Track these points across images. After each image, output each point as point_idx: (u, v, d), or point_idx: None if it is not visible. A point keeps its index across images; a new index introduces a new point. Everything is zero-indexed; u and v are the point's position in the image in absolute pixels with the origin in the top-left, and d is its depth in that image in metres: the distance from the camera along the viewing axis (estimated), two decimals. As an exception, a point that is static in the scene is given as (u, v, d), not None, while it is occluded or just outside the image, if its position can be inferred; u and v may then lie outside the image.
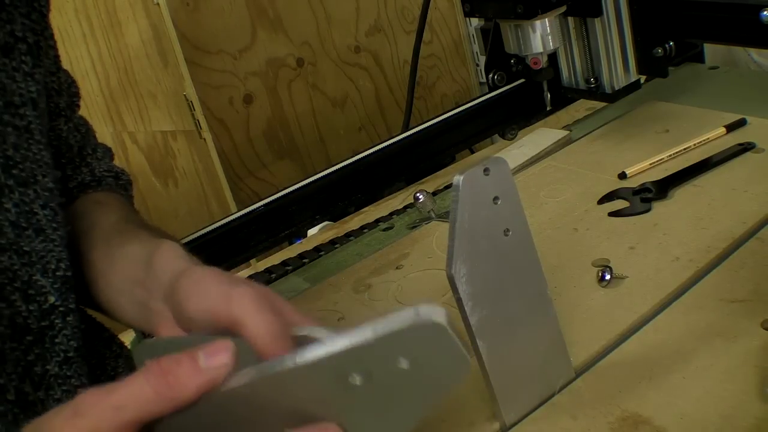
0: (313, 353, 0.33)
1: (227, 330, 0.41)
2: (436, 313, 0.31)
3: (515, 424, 0.51)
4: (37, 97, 0.50)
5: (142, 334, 0.75)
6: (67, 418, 0.33)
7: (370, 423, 0.36)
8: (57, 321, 0.48)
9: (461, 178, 0.45)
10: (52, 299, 0.48)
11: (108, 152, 0.66)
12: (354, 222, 0.91)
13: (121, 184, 0.63)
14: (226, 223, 0.80)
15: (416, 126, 0.91)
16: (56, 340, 0.48)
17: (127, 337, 0.82)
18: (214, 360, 0.34)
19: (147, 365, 0.34)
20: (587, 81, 0.91)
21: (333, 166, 0.86)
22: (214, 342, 0.34)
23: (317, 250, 0.86)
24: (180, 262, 0.47)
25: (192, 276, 0.44)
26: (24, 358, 0.46)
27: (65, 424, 0.33)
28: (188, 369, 0.33)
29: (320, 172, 0.86)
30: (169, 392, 0.33)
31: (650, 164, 0.80)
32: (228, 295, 0.41)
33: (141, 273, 0.49)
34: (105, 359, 0.57)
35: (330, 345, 0.33)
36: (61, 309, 0.48)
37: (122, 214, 0.58)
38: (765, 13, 0.69)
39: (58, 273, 0.48)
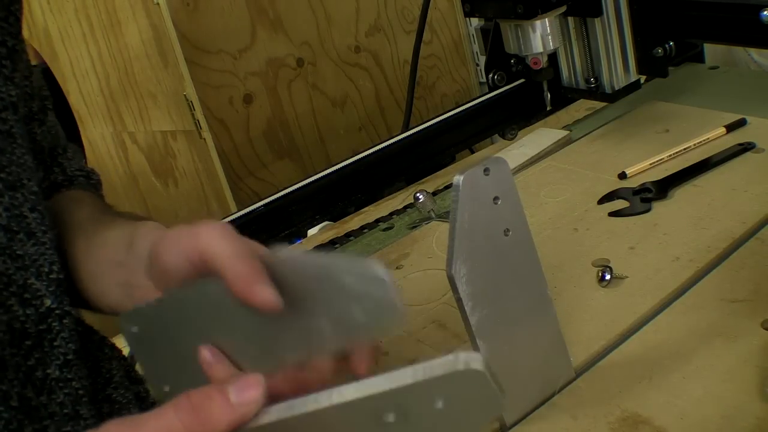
0: (349, 394, 0.33)
1: (200, 271, 0.42)
2: (475, 359, 0.33)
3: (515, 424, 0.51)
4: (17, 101, 0.50)
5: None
6: None
7: None
8: (54, 324, 0.48)
9: (461, 178, 0.45)
10: (48, 302, 0.47)
11: (78, 152, 0.66)
12: (354, 222, 0.91)
13: (92, 183, 0.64)
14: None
15: (416, 126, 0.91)
16: (55, 344, 0.48)
17: (122, 341, 0.82)
18: (245, 396, 0.33)
19: (177, 400, 0.33)
20: (587, 81, 0.91)
21: (333, 166, 0.86)
22: (246, 377, 0.34)
23: (317, 250, 0.86)
24: (159, 233, 0.48)
25: (166, 235, 0.45)
26: (24, 363, 0.46)
27: None
28: (219, 405, 0.33)
29: (320, 172, 0.86)
30: (200, 428, 0.32)
31: (650, 164, 0.80)
32: (195, 233, 0.42)
33: (122, 254, 0.49)
34: (99, 362, 0.57)
35: (367, 387, 0.33)
36: (57, 312, 0.48)
37: (97, 207, 0.58)
38: (765, 13, 0.69)
39: (51, 276, 0.48)
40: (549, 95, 0.92)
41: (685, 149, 0.81)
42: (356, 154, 0.88)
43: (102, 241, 0.52)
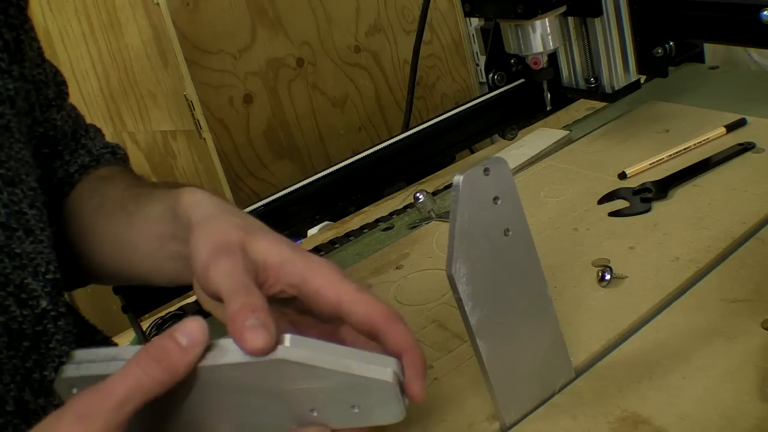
0: (290, 354, 0.38)
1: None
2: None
3: (515, 424, 0.51)
4: (14, 95, 0.49)
5: (142, 333, 0.75)
6: (71, 423, 0.33)
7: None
8: (49, 326, 0.47)
9: (461, 178, 0.45)
10: (43, 303, 0.47)
11: (98, 131, 0.65)
12: (354, 222, 0.91)
13: (119, 157, 0.63)
14: (226, 223, 0.80)
15: (416, 126, 0.91)
16: (50, 345, 0.47)
17: (123, 339, 0.82)
18: (193, 338, 0.37)
19: (137, 356, 0.36)
20: (587, 81, 0.91)
21: (333, 166, 0.86)
22: (187, 322, 0.37)
23: (317, 250, 0.86)
24: (200, 208, 0.46)
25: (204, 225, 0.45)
26: (22, 365, 0.45)
27: (72, 426, 0.33)
28: (175, 350, 0.36)
29: (320, 172, 0.85)
30: (165, 376, 0.35)
31: (650, 164, 0.80)
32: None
33: (170, 227, 0.48)
34: None
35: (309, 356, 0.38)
36: (52, 313, 0.47)
37: (130, 182, 0.57)
38: (765, 13, 0.69)
39: (47, 276, 0.48)
40: (549, 95, 0.92)
41: (685, 149, 0.81)
42: (356, 154, 0.88)
43: (145, 216, 0.51)
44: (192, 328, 0.37)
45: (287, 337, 0.38)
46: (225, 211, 0.46)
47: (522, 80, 0.94)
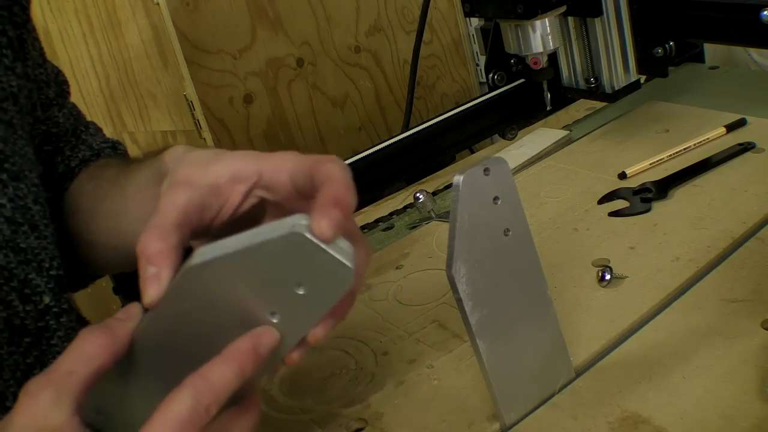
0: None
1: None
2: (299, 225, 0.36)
3: (515, 424, 0.51)
4: (17, 92, 0.50)
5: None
6: (23, 405, 0.34)
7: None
8: (51, 322, 0.47)
9: (461, 178, 0.45)
10: (46, 299, 0.47)
11: (98, 129, 0.66)
12: (354, 222, 0.91)
13: (119, 152, 0.63)
14: (226, 223, 0.80)
15: (416, 126, 0.91)
16: (52, 342, 0.47)
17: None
18: (128, 312, 0.39)
19: (79, 334, 0.37)
20: (587, 81, 0.91)
21: (333, 166, 0.86)
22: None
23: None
24: (174, 159, 0.46)
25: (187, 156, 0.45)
26: (23, 361, 0.45)
27: (26, 404, 0.34)
28: (115, 322, 0.38)
29: (320, 172, 0.85)
30: (105, 338, 0.36)
31: (650, 164, 0.80)
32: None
33: (159, 188, 0.47)
34: None
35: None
36: (54, 310, 0.48)
37: (125, 162, 0.57)
38: (765, 13, 0.69)
39: (51, 272, 0.48)
40: (549, 95, 0.92)
41: (685, 149, 0.81)
42: (356, 154, 0.88)
43: (136, 186, 0.50)
44: (127, 307, 0.39)
45: (196, 251, 0.38)
46: (189, 151, 0.46)
47: (522, 80, 0.94)
